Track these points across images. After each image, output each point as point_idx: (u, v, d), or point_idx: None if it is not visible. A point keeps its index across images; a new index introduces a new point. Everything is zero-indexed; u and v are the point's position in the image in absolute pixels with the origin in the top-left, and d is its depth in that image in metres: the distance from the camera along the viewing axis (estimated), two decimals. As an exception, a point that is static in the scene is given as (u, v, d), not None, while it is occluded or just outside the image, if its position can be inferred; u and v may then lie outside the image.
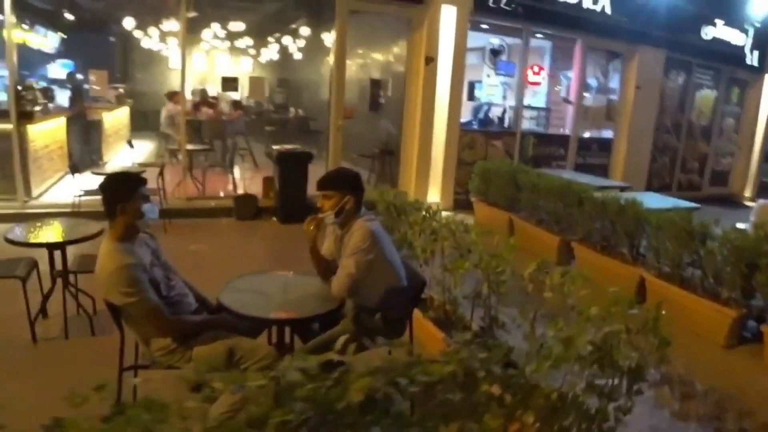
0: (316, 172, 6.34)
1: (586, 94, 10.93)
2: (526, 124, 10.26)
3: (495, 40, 9.46)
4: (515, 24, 9.34)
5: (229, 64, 20.45)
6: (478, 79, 10.91)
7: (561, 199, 6.39)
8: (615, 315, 1.99)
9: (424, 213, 4.45)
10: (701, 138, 12.39)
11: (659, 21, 10.19)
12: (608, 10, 9.72)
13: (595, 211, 5.87)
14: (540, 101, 11.31)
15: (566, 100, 10.62)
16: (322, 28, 13.83)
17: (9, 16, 6.80)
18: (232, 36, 17.79)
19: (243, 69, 20.57)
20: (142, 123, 14.72)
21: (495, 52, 9.44)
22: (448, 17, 8.63)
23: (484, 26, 9.51)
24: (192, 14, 13.95)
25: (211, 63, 20.26)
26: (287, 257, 6.18)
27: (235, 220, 7.85)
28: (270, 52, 18.93)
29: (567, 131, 10.58)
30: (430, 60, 8.64)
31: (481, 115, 10.17)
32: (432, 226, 4.23)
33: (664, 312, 2.03)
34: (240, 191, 8.60)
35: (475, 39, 9.42)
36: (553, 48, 11.02)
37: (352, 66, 13.79)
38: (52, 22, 14.36)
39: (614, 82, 11.01)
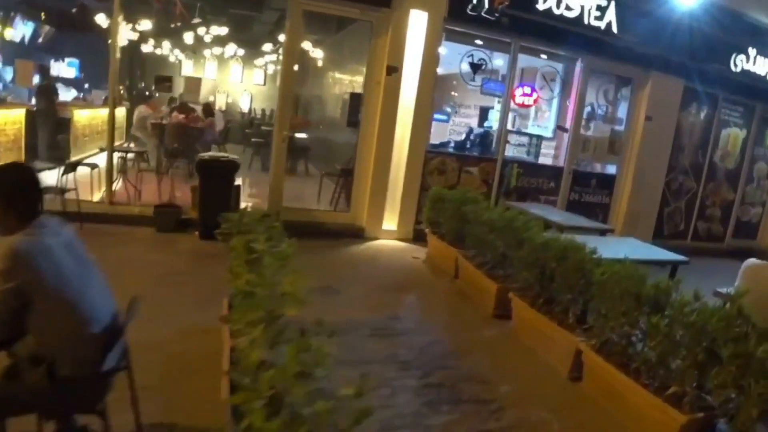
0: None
1: (589, 123, 9.59)
2: (512, 151, 8.94)
3: (478, 54, 8.24)
4: (500, 36, 8.14)
5: (238, 74, 19.90)
6: (491, 105, 9.76)
7: (501, 238, 5.08)
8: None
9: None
10: (726, 182, 10.79)
11: (679, 45, 8.79)
12: (615, 29, 8.41)
13: (534, 256, 4.54)
14: (546, 131, 10.02)
15: (561, 128, 9.29)
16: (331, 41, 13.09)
17: None
18: (239, 45, 17.27)
19: (254, 80, 20.03)
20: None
21: (474, 67, 8.22)
22: (417, 24, 7.51)
23: (479, 41, 8.34)
24: (197, 21, 13.51)
25: (225, 73, 19.79)
26: (169, 280, 5.33)
27: (154, 231, 6.93)
28: (275, 64, 18.27)
29: (560, 163, 9.22)
30: (393, 70, 7.51)
31: (461, 138, 8.94)
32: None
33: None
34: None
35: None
36: (565, 71, 9.69)
37: (342, 80, 12.92)
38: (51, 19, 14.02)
39: (622, 111, 9.62)
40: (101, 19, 10.67)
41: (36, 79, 11.31)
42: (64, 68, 17.15)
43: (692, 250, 9.99)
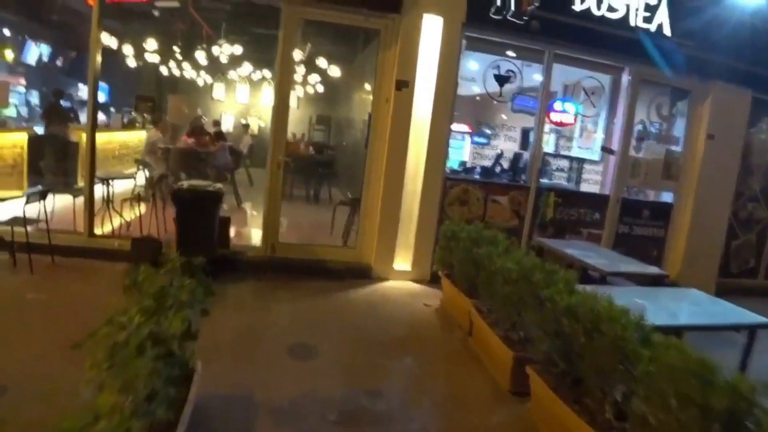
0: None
1: (640, 143, 8.30)
2: (550, 177, 7.76)
3: (505, 64, 7.12)
4: (531, 44, 7.01)
5: (269, 97, 19.32)
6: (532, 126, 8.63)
7: (517, 293, 3.93)
8: None
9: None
10: (807, 211, 9.23)
11: (744, 50, 7.48)
12: (668, 31, 7.17)
13: (556, 324, 3.38)
14: (592, 153, 8.78)
15: (606, 150, 8.02)
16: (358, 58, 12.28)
17: None
18: (265, 66, 16.72)
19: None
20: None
21: (501, 79, 7.10)
22: (431, 31, 6.50)
23: (511, 52, 7.25)
24: (221, 42, 12.94)
25: (256, 96, 19.31)
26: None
27: (130, 267, 6.03)
28: (310, 86, 17.64)
29: (606, 189, 7.95)
30: (403, 85, 6.50)
31: (489, 163, 7.81)
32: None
33: None
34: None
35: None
36: (611, 83, 8.45)
37: (367, 100, 12.00)
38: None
39: (678, 129, 8.28)
40: (106, 38, 10.12)
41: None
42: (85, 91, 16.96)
43: (766, 291, 8.52)
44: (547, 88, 7.26)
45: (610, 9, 6.87)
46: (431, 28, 6.49)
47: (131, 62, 13.58)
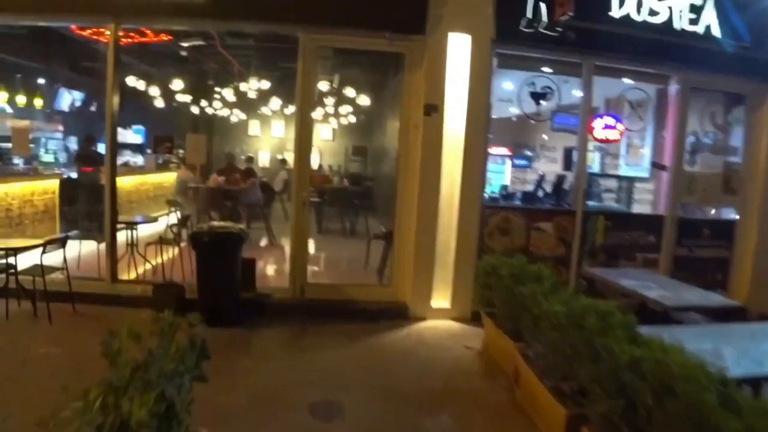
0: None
1: (694, 156, 7.64)
2: (597, 199, 7.17)
3: (541, 81, 6.63)
4: (568, 57, 6.52)
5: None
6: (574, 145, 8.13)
7: (567, 340, 3.39)
8: None
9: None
10: None
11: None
12: (717, 32, 6.58)
13: (616, 381, 2.83)
14: (641, 170, 8.18)
15: (657, 166, 7.38)
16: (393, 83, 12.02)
17: None
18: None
19: (322, 136, 19.40)
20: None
21: (537, 97, 6.61)
22: (459, 50, 6.10)
23: (547, 68, 6.78)
24: (250, 78, 12.89)
25: (291, 131, 19.26)
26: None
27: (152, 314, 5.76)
28: (344, 117, 17.52)
29: (660, 210, 7.30)
30: (432, 109, 6.09)
31: (530, 188, 7.29)
32: None
33: None
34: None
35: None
36: (658, 94, 7.87)
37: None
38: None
39: (736, 138, 7.59)
40: (133, 81, 10.14)
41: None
42: (130, 135, 17.25)
43: None
44: (588, 103, 6.73)
45: (652, 13, 6.34)
46: (459, 48, 6.09)
47: (164, 103, 13.68)
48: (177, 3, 5.87)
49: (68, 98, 12.63)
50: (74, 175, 9.69)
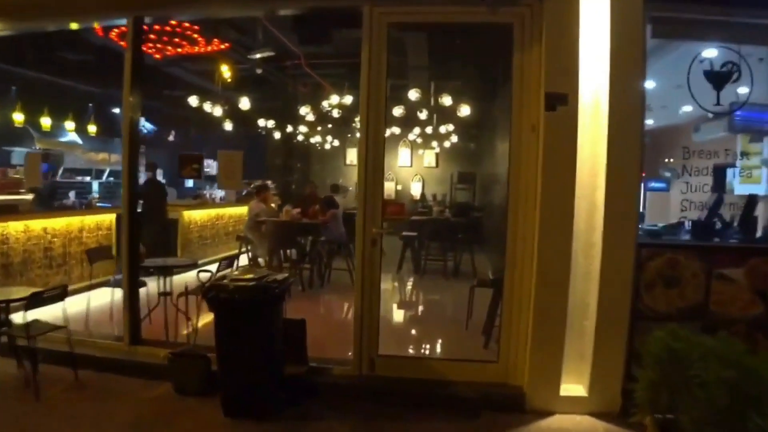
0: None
1: None
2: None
3: (721, 55, 4.42)
4: (760, 16, 4.31)
5: (406, 158, 17.76)
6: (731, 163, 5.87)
7: None
8: None
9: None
10: None
11: None
12: None
13: None
14: None
15: None
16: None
17: None
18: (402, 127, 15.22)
19: (425, 162, 17.82)
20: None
21: (716, 79, 4.39)
22: (593, 15, 4.11)
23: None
24: (340, 99, 11.55)
25: (391, 157, 17.88)
26: None
27: (171, 392, 4.36)
28: (446, 139, 15.81)
29: None
30: (559, 100, 4.10)
31: (702, 216, 4.99)
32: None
33: None
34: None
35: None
36: None
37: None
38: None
39: None
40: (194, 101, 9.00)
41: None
42: (213, 166, 16.54)
43: None
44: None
45: None
46: (592, 12, 4.10)
47: (248, 131, 12.69)
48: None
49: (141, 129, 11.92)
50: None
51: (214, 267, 5.11)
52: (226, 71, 9.25)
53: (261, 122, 13.58)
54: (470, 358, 4.91)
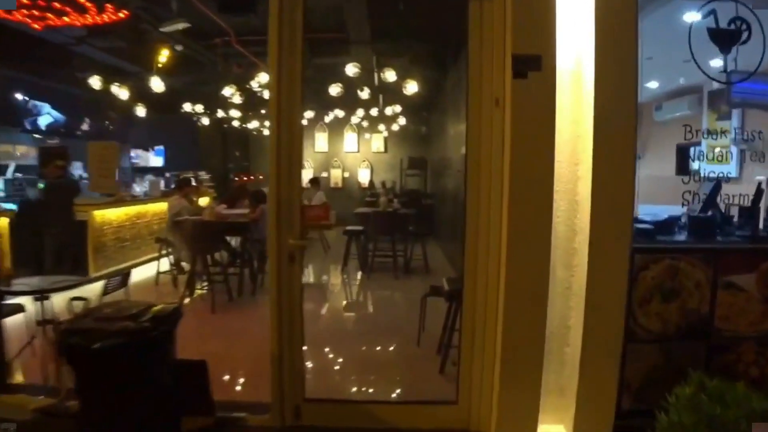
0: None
1: None
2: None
3: (727, 8, 3.56)
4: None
5: (353, 142, 16.79)
6: (696, 141, 4.97)
7: None
8: None
9: None
10: None
11: None
12: None
13: None
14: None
15: None
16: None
17: None
18: (345, 110, 14.24)
19: (372, 147, 16.91)
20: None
21: (721, 37, 3.54)
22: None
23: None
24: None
25: (335, 142, 16.87)
26: None
27: None
28: (394, 121, 14.93)
29: None
30: (530, 63, 3.15)
31: (695, 208, 4.11)
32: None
33: None
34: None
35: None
36: None
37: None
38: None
39: None
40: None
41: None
42: (152, 158, 15.19)
43: None
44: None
45: None
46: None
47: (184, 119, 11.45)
48: None
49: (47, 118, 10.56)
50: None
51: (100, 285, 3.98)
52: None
53: (196, 108, 12.38)
54: (422, 387, 3.98)
